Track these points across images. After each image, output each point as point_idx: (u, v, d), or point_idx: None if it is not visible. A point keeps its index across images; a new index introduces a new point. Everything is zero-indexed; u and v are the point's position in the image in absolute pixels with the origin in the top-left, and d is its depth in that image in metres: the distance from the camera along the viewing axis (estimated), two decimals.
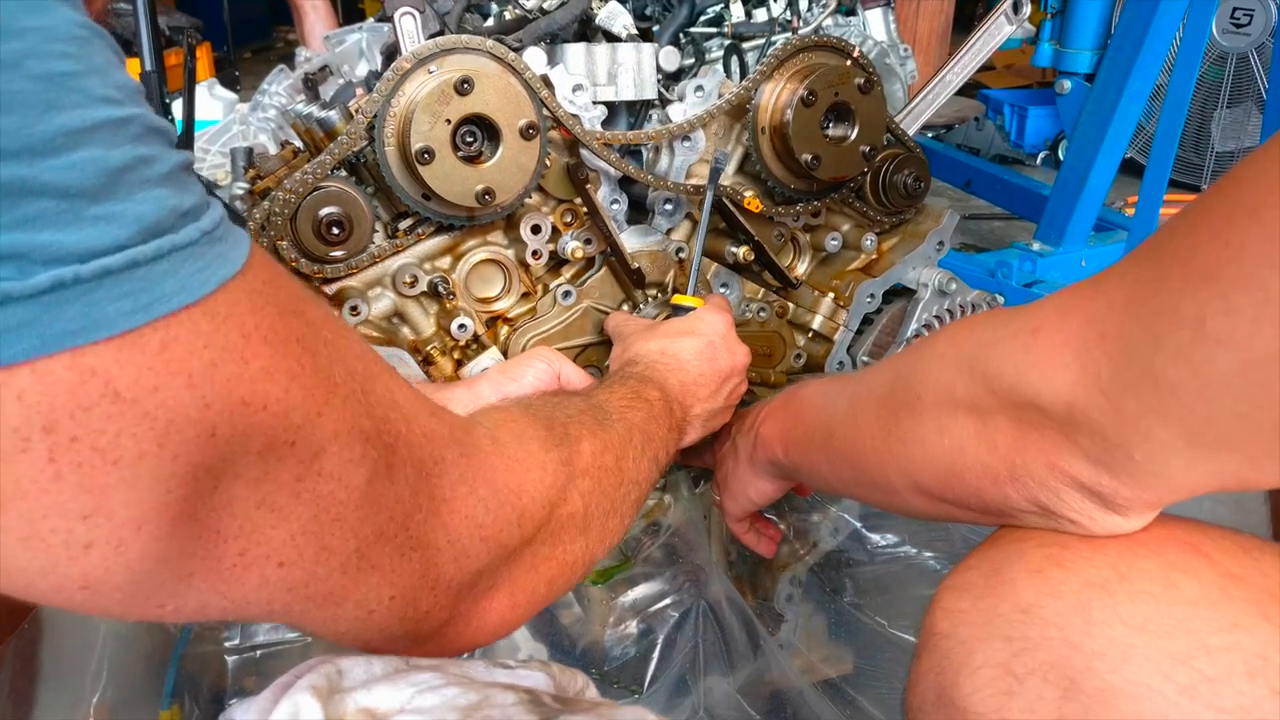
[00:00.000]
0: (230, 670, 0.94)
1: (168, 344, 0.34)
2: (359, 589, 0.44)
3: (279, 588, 0.41)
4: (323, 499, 0.41)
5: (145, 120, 0.35)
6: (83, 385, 0.32)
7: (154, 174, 0.35)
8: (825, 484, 0.80)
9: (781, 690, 0.93)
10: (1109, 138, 2.07)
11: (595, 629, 0.96)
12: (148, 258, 0.33)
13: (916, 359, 0.58)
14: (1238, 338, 0.37)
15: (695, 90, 0.99)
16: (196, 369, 0.35)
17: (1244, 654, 0.43)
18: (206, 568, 0.38)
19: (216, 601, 0.40)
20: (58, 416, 0.32)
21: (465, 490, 0.50)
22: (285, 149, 1.03)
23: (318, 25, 2.63)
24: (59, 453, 0.32)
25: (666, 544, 1.01)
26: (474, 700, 0.40)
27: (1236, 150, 3.22)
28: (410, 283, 0.89)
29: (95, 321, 0.32)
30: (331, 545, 0.42)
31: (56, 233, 0.31)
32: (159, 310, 0.34)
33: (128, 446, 0.33)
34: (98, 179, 0.33)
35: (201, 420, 0.35)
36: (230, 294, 0.36)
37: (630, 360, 0.83)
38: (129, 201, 0.33)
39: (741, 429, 0.85)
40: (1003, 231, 2.87)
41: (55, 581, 0.34)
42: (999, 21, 1.12)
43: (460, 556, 0.49)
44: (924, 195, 1.10)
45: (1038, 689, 0.46)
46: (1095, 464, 0.45)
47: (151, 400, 0.33)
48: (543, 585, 0.57)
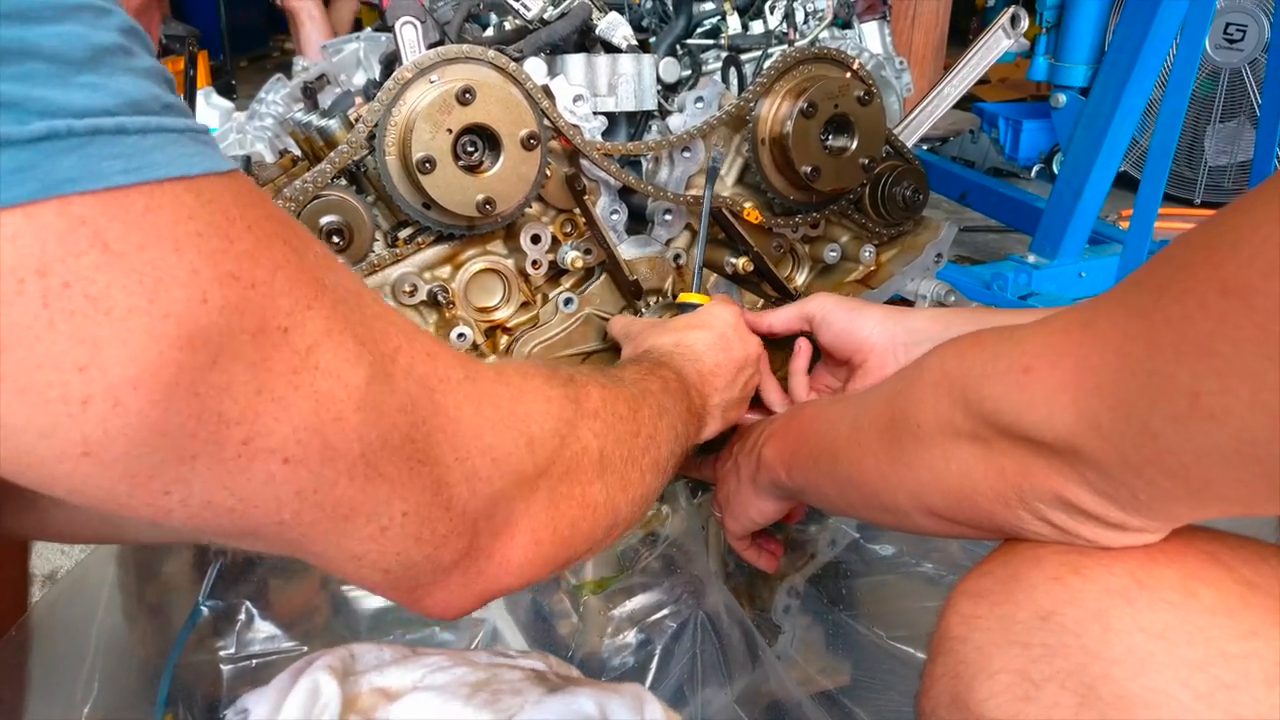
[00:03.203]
0: (225, 680, 0.93)
1: (152, 209, 0.35)
2: (369, 500, 0.44)
3: (287, 488, 0.41)
4: (322, 395, 0.41)
5: (125, 19, 0.37)
6: (72, 233, 0.33)
7: (136, 65, 0.36)
8: (831, 506, 0.80)
9: (779, 701, 0.93)
10: (1104, 151, 2.09)
11: (593, 639, 0.96)
12: (136, 128, 0.35)
13: (909, 387, 0.57)
14: (1232, 419, 0.37)
15: (695, 101, 0.99)
16: (182, 236, 0.35)
17: (1262, 661, 0.43)
18: (210, 452, 0.38)
19: (224, 498, 0.39)
20: (50, 260, 0.32)
21: (471, 409, 0.50)
22: (284, 158, 1.03)
23: (314, 34, 2.64)
24: (52, 297, 0.33)
25: (664, 554, 1.00)
26: (483, 678, 0.40)
27: (1229, 165, 3.24)
28: (410, 291, 0.89)
29: (89, 172, 0.33)
30: (336, 445, 0.42)
31: (49, 90, 0.33)
32: (147, 175, 0.35)
33: (118, 298, 0.34)
34: (83, 51, 0.34)
35: (190, 284, 0.35)
36: (215, 184, 0.37)
37: (644, 353, 0.82)
38: (112, 78, 0.35)
39: (743, 449, 0.85)
40: (997, 244, 2.88)
41: (57, 446, 0.35)
42: (996, 35, 1.13)
43: (471, 477, 0.49)
44: (923, 207, 1.11)
45: (1055, 695, 0.46)
46: (1101, 496, 0.45)
47: (139, 257, 0.34)
48: (565, 525, 0.56)
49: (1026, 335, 0.48)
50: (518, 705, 0.39)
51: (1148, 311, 0.41)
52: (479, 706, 0.38)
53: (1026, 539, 0.52)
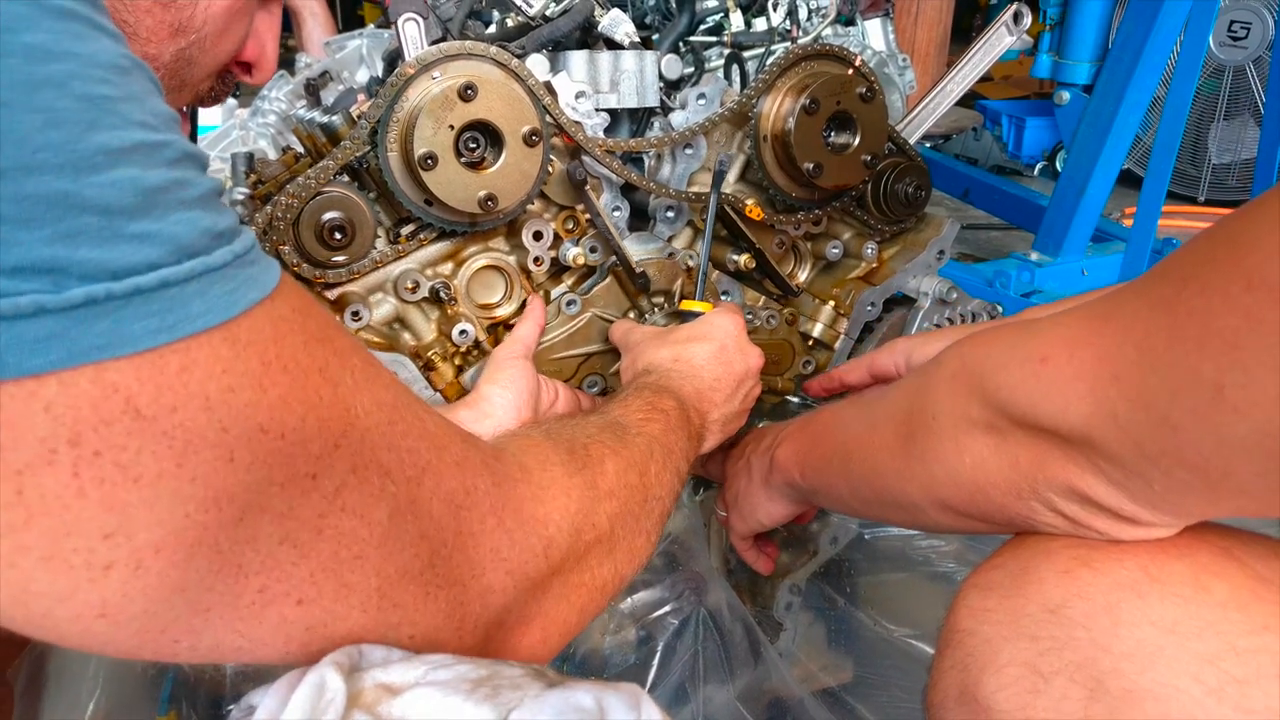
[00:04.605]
0: (229, 677, 0.93)
1: (187, 366, 0.34)
2: (379, 628, 0.43)
3: (297, 626, 0.40)
4: (345, 535, 0.40)
5: (180, 145, 0.36)
6: (105, 400, 0.32)
7: (189, 196, 0.36)
8: (844, 506, 0.80)
9: (781, 698, 0.93)
10: (1107, 149, 2.08)
11: (594, 636, 0.96)
12: (180, 278, 0.34)
13: (928, 380, 0.58)
14: (1257, 412, 0.37)
15: (697, 98, 0.99)
16: (214, 392, 0.35)
17: (1272, 656, 0.43)
18: (224, 603, 0.37)
19: (232, 640, 0.39)
20: (82, 429, 0.32)
21: (494, 522, 0.49)
22: (286, 154, 1.03)
23: (316, 31, 2.64)
24: (83, 467, 0.32)
25: (666, 551, 1.00)
26: (483, 674, 0.41)
27: (1233, 163, 3.23)
28: (412, 288, 0.89)
29: (120, 338, 0.32)
30: (351, 583, 0.41)
31: (94, 249, 0.32)
32: (182, 331, 0.34)
33: (148, 464, 0.33)
34: (135, 197, 0.33)
35: (219, 444, 0.35)
36: (254, 319, 0.37)
37: (643, 370, 0.82)
38: (164, 221, 0.34)
39: (756, 451, 0.85)
40: (1000, 241, 2.88)
41: (73, 609, 0.34)
42: (999, 32, 1.12)
43: (485, 592, 0.48)
44: (925, 204, 1.11)
45: (1063, 688, 0.46)
46: (1115, 487, 0.46)
47: (170, 420, 0.34)
48: (574, 615, 0.56)
49: (1044, 326, 0.49)
50: (517, 699, 0.39)
51: (1170, 304, 0.41)
52: (480, 701, 0.39)
53: (1038, 533, 0.52)
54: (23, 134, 0.31)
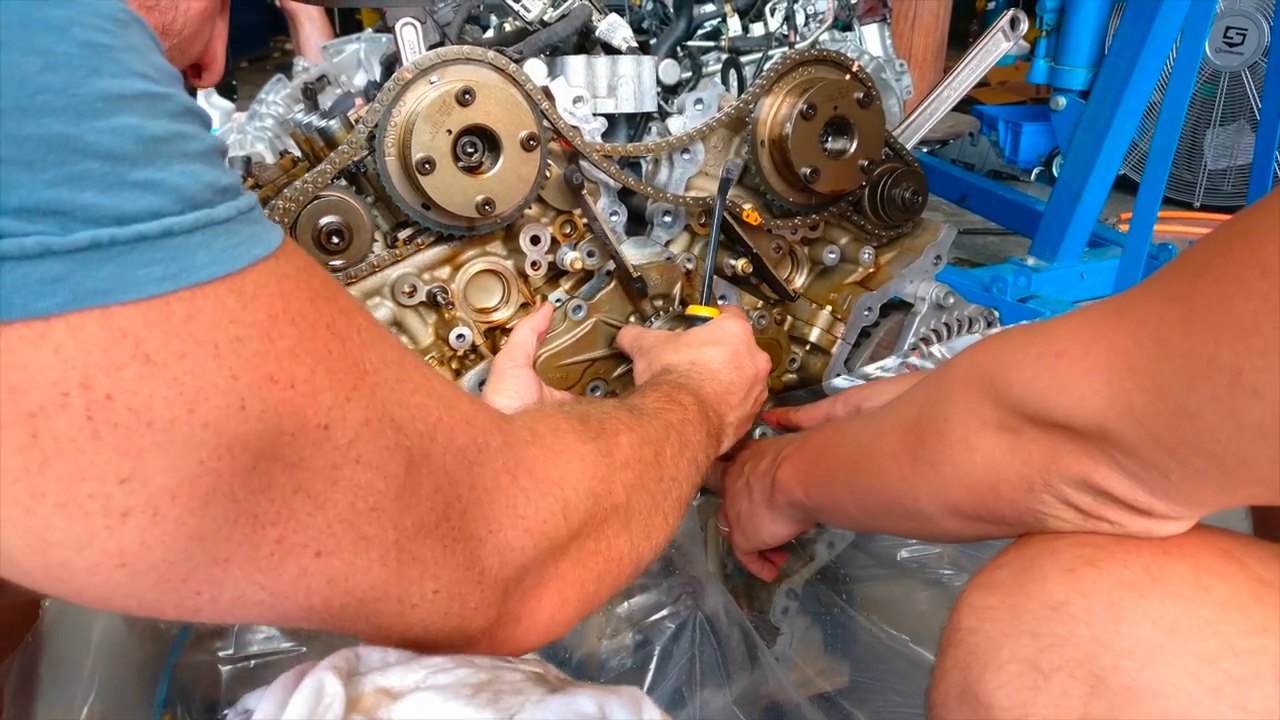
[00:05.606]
0: (224, 681, 0.93)
1: (193, 314, 0.34)
2: (401, 582, 0.44)
3: (317, 579, 0.40)
4: (360, 487, 0.41)
5: (182, 100, 0.36)
6: (115, 344, 0.33)
7: (191, 150, 0.36)
8: (850, 521, 0.80)
9: (778, 703, 0.93)
10: (1103, 154, 2.09)
11: (591, 640, 0.96)
12: (184, 228, 0.34)
13: (938, 386, 0.58)
14: (1275, 394, 0.38)
15: (695, 103, 0.99)
16: (222, 341, 0.35)
17: (1271, 657, 0.43)
18: (243, 553, 0.38)
19: (254, 593, 0.39)
20: (93, 373, 0.32)
21: (508, 479, 0.49)
22: (284, 158, 1.03)
23: (314, 35, 2.65)
24: (96, 410, 0.32)
25: (663, 555, 1.00)
26: (484, 679, 0.41)
27: (1229, 168, 3.24)
28: (409, 292, 0.89)
29: (125, 283, 0.33)
30: (369, 535, 0.41)
31: (98, 194, 0.32)
32: (187, 280, 0.34)
33: (160, 410, 0.33)
34: (137, 145, 0.34)
35: (230, 391, 0.35)
36: (260, 274, 0.37)
37: (662, 371, 0.82)
38: (167, 171, 0.34)
39: (756, 472, 0.85)
40: (996, 246, 2.88)
41: (92, 558, 0.34)
42: (996, 38, 1.13)
43: (504, 549, 0.49)
44: (922, 209, 1.11)
45: (1064, 685, 0.46)
46: (1130, 478, 0.46)
47: (179, 366, 0.34)
48: (591, 581, 0.56)
49: (1057, 324, 0.49)
50: (519, 704, 0.39)
51: (1186, 295, 0.42)
52: (480, 705, 0.39)
53: (1046, 531, 0.53)
54: (21, 75, 0.31)
